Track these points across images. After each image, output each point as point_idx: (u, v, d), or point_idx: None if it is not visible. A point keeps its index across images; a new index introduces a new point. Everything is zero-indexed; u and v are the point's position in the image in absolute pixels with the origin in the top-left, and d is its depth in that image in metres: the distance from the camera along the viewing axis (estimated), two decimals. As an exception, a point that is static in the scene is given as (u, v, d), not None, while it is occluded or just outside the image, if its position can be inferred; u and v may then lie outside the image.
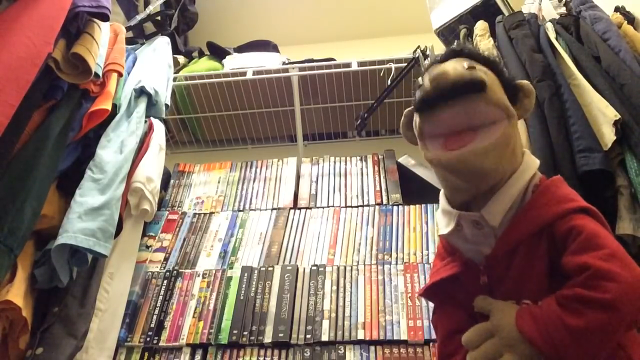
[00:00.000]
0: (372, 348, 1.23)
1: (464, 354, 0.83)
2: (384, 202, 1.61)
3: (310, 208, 1.62)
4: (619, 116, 1.14)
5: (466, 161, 0.78)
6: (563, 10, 1.69)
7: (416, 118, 0.87)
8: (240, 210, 1.64)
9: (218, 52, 2.28)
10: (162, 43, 1.81)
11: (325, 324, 1.28)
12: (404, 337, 1.23)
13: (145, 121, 1.52)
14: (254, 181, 1.75)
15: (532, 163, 0.85)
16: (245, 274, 1.41)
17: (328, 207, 1.62)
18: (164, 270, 1.46)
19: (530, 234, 0.79)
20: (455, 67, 0.82)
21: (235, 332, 1.29)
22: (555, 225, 0.77)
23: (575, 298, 0.69)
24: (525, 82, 0.86)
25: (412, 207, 1.55)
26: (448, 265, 0.92)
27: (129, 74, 1.57)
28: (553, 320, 0.69)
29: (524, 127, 1.29)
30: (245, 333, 1.28)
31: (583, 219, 0.75)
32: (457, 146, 0.79)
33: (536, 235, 0.78)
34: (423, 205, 1.54)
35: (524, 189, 0.82)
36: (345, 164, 1.77)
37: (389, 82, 1.74)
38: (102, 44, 1.35)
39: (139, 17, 2.04)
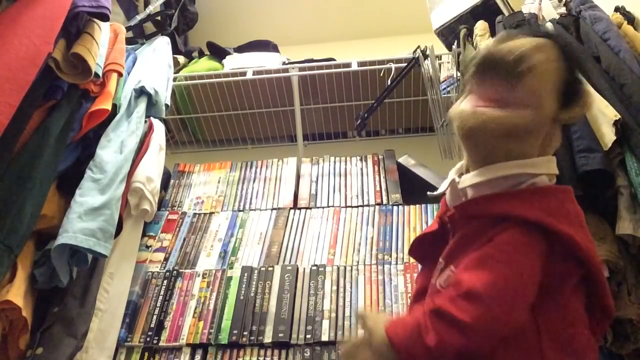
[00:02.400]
0: (372, 348, 1.23)
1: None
2: (384, 202, 1.61)
3: (310, 208, 1.62)
4: (619, 116, 1.14)
5: (467, 121, 0.81)
6: (563, 10, 1.68)
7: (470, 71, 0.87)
8: (240, 210, 1.64)
9: (218, 52, 2.28)
10: (162, 43, 1.81)
11: (325, 324, 1.28)
12: (404, 337, 1.23)
13: (145, 121, 1.52)
14: (254, 181, 1.75)
15: (542, 166, 0.83)
16: (245, 274, 1.41)
17: (328, 207, 1.62)
18: (164, 270, 1.46)
19: (482, 216, 0.80)
20: (509, 51, 0.81)
21: (235, 332, 1.29)
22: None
23: (437, 311, 0.72)
24: (588, 92, 0.83)
25: (412, 207, 1.55)
26: (433, 223, 0.95)
27: (129, 74, 1.57)
28: (414, 332, 0.73)
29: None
30: (245, 333, 1.28)
31: (511, 233, 0.75)
32: (477, 106, 0.81)
33: (495, 222, 0.78)
34: (423, 205, 1.54)
35: (515, 180, 0.81)
36: (345, 164, 1.77)
37: (389, 82, 1.74)
38: (102, 44, 1.35)
39: (139, 17, 2.03)
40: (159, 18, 2.20)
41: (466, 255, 0.78)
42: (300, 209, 1.63)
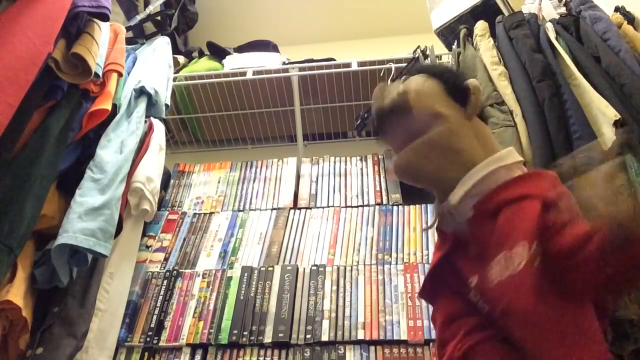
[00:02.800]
0: (372, 348, 1.23)
1: (460, 338, 0.85)
2: (384, 202, 1.61)
3: (310, 208, 1.62)
4: (619, 116, 1.14)
5: (400, 165, 0.87)
6: (563, 10, 1.68)
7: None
8: (240, 210, 1.64)
9: (218, 52, 2.28)
10: (162, 43, 1.80)
11: (325, 324, 1.28)
12: (404, 337, 1.23)
13: (145, 121, 1.52)
14: (254, 181, 1.75)
15: (509, 157, 0.85)
16: (245, 274, 1.41)
17: (328, 207, 1.62)
18: (164, 270, 1.46)
19: (517, 198, 0.81)
20: (389, 93, 0.91)
21: (235, 332, 1.29)
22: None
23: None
24: (471, 80, 0.90)
25: (412, 207, 1.55)
26: (438, 251, 0.94)
27: (129, 74, 1.57)
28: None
29: (525, 127, 1.29)
30: (245, 333, 1.28)
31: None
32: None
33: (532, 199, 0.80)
34: (423, 205, 1.54)
35: (495, 178, 0.82)
36: (345, 164, 1.77)
37: (389, 82, 1.74)
38: (102, 44, 1.35)
39: (139, 17, 2.03)
40: (159, 18, 2.20)
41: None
42: (300, 209, 1.63)
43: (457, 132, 0.85)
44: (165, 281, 1.42)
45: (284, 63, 2.09)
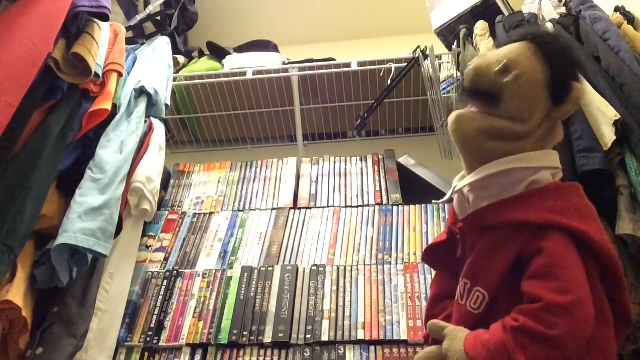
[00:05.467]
0: (372, 348, 1.23)
1: (445, 316, 0.88)
2: (384, 202, 1.61)
3: (310, 208, 1.62)
4: (619, 116, 1.14)
5: (453, 122, 0.85)
6: (563, 10, 1.68)
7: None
8: (240, 210, 1.64)
9: (218, 52, 2.28)
10: (162, 43, 1.81)
11: (325, 324, 1.28)
12: (404, 337, 1.23)
13: (145, 121, 1.52)
14: (254, 181, 1.75)
15: (537, 160, 0.83)
16: (245, 274, 1.41)
17: (328, 207, 1.62)
18: (164, 270, 1.46)
19: (501, 224, 0.80)
20: (489, 66, 0.84)
21: (235, 332, 1.29)
22: (531, 235, 0.77)
23: (522, 329, 0.71)
24: (577, 87, 0.83)
25: (412, 207, 1.55)
26: (443, 232, 0.95)
27: (129, 74, 1.57)
28: (500, 352, 0.71)
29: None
30: (245, 333, 1.28)
31: (557, 241, 0.75)
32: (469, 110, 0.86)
33: (515, 230, 0.79)
34: (423, 205, 1.54)
35: (512, 177, 0.81)
36: (345, 164, 1.77)
37: (389, 82, 1.74)
38: (102, 44, 1.35)
39: (139, 17, 2.04)
40: (159, 18, 2.20)
41: (492, 273, 0.79)
42: (300, 209, 1.62)
43: (527, 134, 0.82)
44: (165, 281, 1.42)
45: (284, 63, 2.09)
